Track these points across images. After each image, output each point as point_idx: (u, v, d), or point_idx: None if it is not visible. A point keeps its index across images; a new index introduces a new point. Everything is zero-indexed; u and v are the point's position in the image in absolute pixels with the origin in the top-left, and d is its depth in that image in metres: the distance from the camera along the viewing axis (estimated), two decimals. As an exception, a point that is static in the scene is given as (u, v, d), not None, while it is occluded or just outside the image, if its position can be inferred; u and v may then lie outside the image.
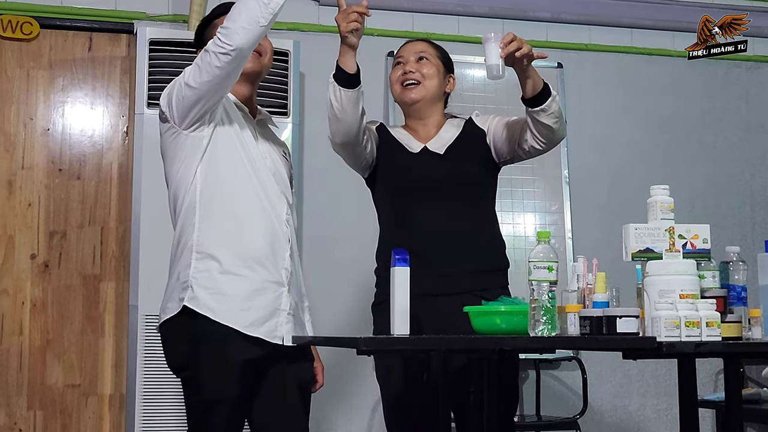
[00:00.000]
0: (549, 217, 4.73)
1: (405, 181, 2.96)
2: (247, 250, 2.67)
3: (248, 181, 2.72)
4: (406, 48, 3.10)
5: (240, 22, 2.54)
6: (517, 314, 2.45)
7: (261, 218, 2.71)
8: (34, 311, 4.24)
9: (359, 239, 4.50)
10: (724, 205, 5.07)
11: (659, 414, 4.85)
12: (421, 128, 3.05)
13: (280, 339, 2.67)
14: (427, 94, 3.02)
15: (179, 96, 2.64)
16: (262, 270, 2.68)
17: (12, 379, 4.20)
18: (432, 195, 2.92)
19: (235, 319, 2.61)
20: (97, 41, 4.42)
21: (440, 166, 2.96)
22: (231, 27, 2.55)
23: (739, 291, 2.55)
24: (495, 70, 2.72)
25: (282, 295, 2.71)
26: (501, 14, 4.85)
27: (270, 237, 2.71)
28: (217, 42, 2.56)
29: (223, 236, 2.67)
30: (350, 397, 4.42)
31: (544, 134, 2.89)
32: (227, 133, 2.72)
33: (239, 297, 2.63)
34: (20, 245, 4.25)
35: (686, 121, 5.09)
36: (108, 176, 4.38)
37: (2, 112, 4.30)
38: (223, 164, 2.70)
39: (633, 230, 2.48)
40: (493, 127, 3.04)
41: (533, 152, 2.98)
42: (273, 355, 2.68)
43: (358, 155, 2.97)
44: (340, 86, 2.79)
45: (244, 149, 2.73)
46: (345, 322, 4.28)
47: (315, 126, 4.44)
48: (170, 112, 2.67)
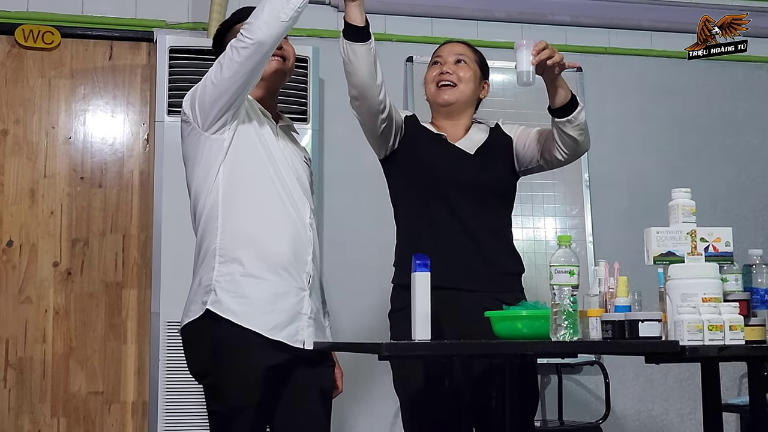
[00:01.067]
0: (570, 221, 4.71)
1: (433, 174, 2.93)
2: (270, 253, 2.67)
3: (271, 184, 2.72)
4: (444, 48, 3.08)
5: (262, 17, 2.57)
6: (539, 319, 2.44)
7: (285, 222, 2.71)
8: (57, 319, 4.26)
9: (379, 244, 4.48)
10: (746, 207, 5.05)
11: (683, 418, 4.83)
12: (449, 128, 3.03)
13: (302, 343, 2.67)
14: (461, 98, 3.01)
15: (202, 95, 2.66)
16: (285, 274, 2.68)
17: (36, 387, 4.22)
18: (458, 192, 2.91)
19: (257, 322, 2.61)
20: (117, 50, 4.45)
21: (470, 166, 2.94)
22: (253, 22, 2.58)
23: (762, 294, 2.53)
24: (525, 76, 2.70)
25: (304, 299, 2.71)
26: (520, 18, 4.85)
27: (293, 241, 2.71)
28: (239, 37, 2.59)
29: (246, 240, 2.67)
30: (371, 402, 4.42)
31: (568, 145, 2.87)
32: (249, 136, 2.72)
33: (262, 300, 2.64)
34: (43, 253, 4.28)
35: (707, 124, 5.07)
36: (129, 184, 4.41)
37: (24, 121, 4.33)
38: (245, 167, 2.70)
39: (654, 233, 2.47)
40: (518, 135, 3.04)
41: (555, 163, 2.97)
42: (294, 360, 2.68)
43: (376, 120, 2.90)
44: (349, 41, 2.77)
45: (266, 153, 2.73)
46: (365, 326, 4.29)
47: (335, 131, 4.46)
48: (193, 113, 2.69)
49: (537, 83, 2.78)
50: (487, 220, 2.93)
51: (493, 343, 2.41)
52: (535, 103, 4.48)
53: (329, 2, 4.57)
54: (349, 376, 3.01)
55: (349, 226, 4.52)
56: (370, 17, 2.81)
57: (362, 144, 3.04)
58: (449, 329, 2.68)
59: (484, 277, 2.86)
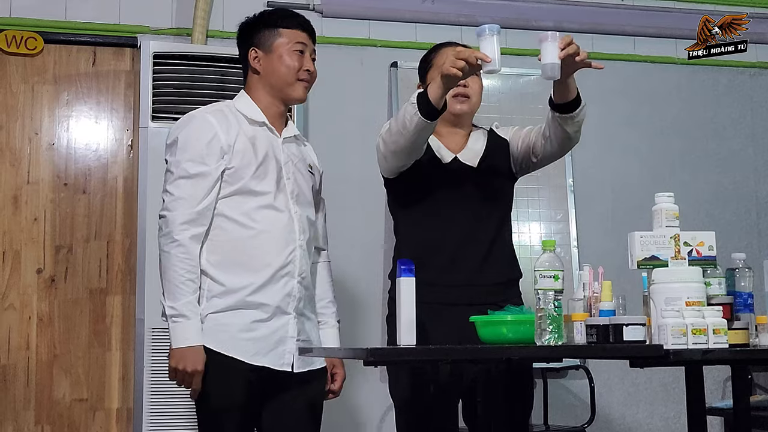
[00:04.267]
0: (554, 225, 4.72)
1: (435, 193, 2.96)
2: (254, 279, 2.70)
3: (261, 214, 2.74)
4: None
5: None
6: (524, 323, 2.45)
7: (271, 247, 2.73)
8: (40, 326, 4.24)
9: (365, 249, 4.50)
10: (729, 212, 5.07)
11: (667, 422, 4.84)
12: (451, 135, 3.05)
13: (288, 366, 2.72)
14: (473, 109, 3.05)
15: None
16: (267, 298, 2.70)
17: (19, 394, 4.20)
18: (461, 207, 2.94)
19: (237, 349, 2.66)
20: (101, 55, 4.43)
21: (472, 180, 2.98)
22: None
23: (745, 298, 2.54)
24: (550, 69, 2.63)
25: (288, 322, 2.73)
26: (504, 24, 4.77)
27: (276, 266, 2.73)
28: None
29: (229, 266, 2.69)
30: (358, 408, 4.42)
31: (560, 140, 2.90)
32: (240, 168, 2.74)
33: (243, 328, 2.67)
34: (26, 260, 4.26)
35: (690, 129, 5.09)
36: (113, 190, 4.39)
37: (7, 127, 4.31)
38: (235, 196, 2.73)
39: (638, 238, 2.48)
40: (512, 136, 3.08)
41: (544, 160, 3.02)
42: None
43: (396, 169, 2.97)
44: (424, 118, 2.69)
45: (257, 177, 2.75)
46: (351, 332, 4.28)
47: (319, 137, 4.45)
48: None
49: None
50: (487, 231, 2.96)
51: (478, 348, 2.42)
52: (521, 108, 4.52)
53: (313, 8, 4.56)
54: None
55: (335, 230, 4.49)
56: (354, 23, 2.82)
57: (346, 149, 3.05)
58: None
59: (484, 291, 2.88)
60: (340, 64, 4.59)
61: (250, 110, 2.82)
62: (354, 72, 4.63)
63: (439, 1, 4.80)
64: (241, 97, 2.88)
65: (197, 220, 2.67)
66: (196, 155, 2.70)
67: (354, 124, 4.54)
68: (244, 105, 2.84)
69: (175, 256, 2.63)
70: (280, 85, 2.83)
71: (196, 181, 2.68)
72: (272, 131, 2.83)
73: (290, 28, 2.85)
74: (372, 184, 3.33)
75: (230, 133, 2.74)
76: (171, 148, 2.75)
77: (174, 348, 2.62)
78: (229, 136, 2.73)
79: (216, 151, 2.71)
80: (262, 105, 2.84)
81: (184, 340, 2.61)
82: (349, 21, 4.62)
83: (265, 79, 2.84)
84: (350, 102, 4.61)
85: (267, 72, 2.83)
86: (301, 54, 2.83)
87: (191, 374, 2.60)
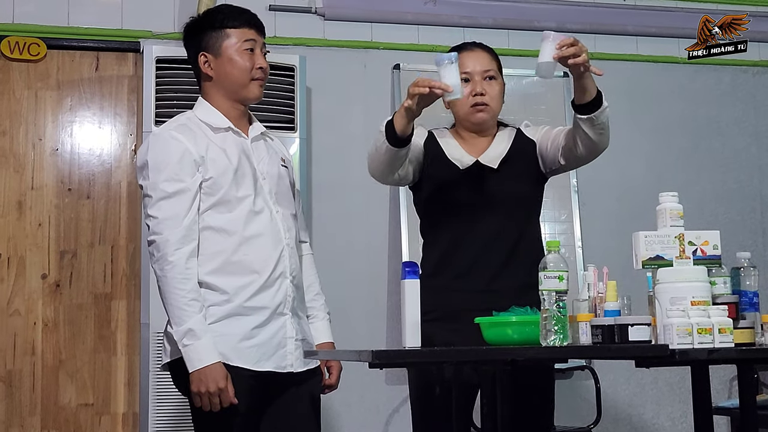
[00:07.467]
0: (558, 226, 4.72)
1: (453, 199, 2.93)
2: (248, 285, 2.69)
3: (246, 220, 2.72)
4: (469, 60, 2.97)
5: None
6: (529, 324, 2.45)
7: (260, 251, 2.72)
8: (46, 331, 4.25)
9: (369, 253, 4.50)
10: (733, 210, 5.06)
11: (674, 422, 4.83)
12: (473, 140, 3.02)
13: (291, 367, 2.72)
14: (494, 114, 3.00)
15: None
16: (263, 302, 2.70)
17: (25, 400, 4.20)
18: (483, 211, 2.91)
19: (241, 359, 2.65)
20: (104, 60, 4.44)
21: (492, 182, 2.94)
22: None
23: (750, 297, 2.54)
24: (543, 68, 2.63)
25: (285, 323, 2.74)
26: (506, 25, 4.86)
27: (269, 269, 2.72)
28: None
29: (222, 275, 2.68)
30: (362, 411, 4.41)
31: (585, 143, 2.85)
32: (217, 177, 2.71)
33: (244, 336, 2.67)
34: (31, 265, 4.26)
35: (694, 128, 5.09)
36: (117, 195, 4.39)
37: (11, 133, 4.32)
38: (218, 206, 2.71)
39: (643, 238, 2.48)
40: (541, 136, 3.02)
41: (574, 162, 2.97)
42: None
43: (392, 183, 2.99)
44: (385, 138, 2.70)
45: (236, 183, 2.72)
46: (356, 335, 4.28)
47: (323, 141, 4.46)
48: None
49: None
50: (511, 234, 2.91)
51: (483, 349, 2.41)
52: (524, 109, 4.51)
53: (315, 11, 4.57)
54: (340, 383, 3.01)
55: (338, 235, 4.51)
56: (356, 25, 2.80)
57: (350, 153, 3.04)
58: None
59: (507, 295, 2.81)
60: (342, 67, 4.60)
61: (212, 117, 2.78)
62: (357, 74, 4.63)
63: (441, 2, 4.80)
64: (200, 105, 2.83)
65: (188, 236, 2.64)
66: (171, 174, 2.65)
67: (357, 126, 4.54)
68: (205, 113, 2.79)
69: (174, 278, 2.61)
70: (235, 87, 2.78)
71: (176, 200, 2.64)
72: (239, 134, 2.79)
73: (237, 27, 2.78)
74: (375, 187, 3.32)
75: (199, 144, 2.70)
76: (143, 171, 2.70)
77: (191, 372, 2.57)
78: (199, 147, 2.70)
79: (189, 165, 2.67)
80: (222, 110, 2.79)
81: (198, 362, 2.56)
82: (351, 24, 4.62)
83: (219, 84, 2.79)
84: (353, 104, 4.61)
85: (220, 76, 2.78)
86: (252, 52, 2.77)
87: (216, 393, 2.56)
